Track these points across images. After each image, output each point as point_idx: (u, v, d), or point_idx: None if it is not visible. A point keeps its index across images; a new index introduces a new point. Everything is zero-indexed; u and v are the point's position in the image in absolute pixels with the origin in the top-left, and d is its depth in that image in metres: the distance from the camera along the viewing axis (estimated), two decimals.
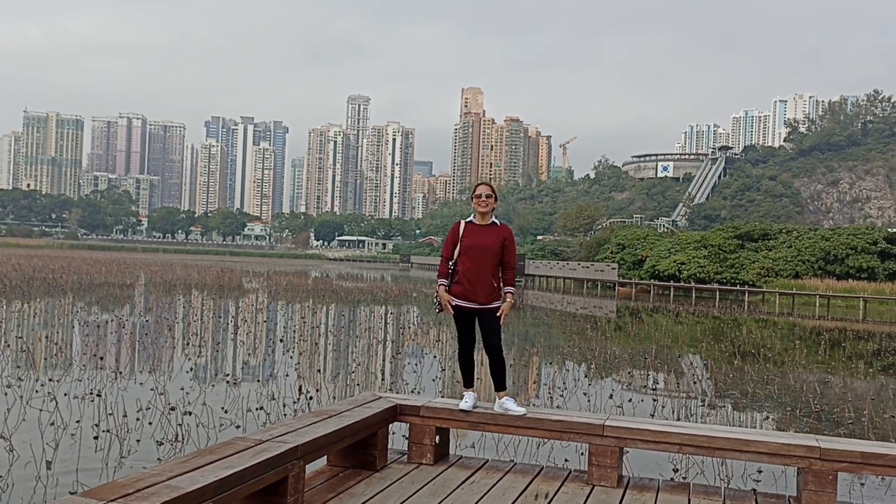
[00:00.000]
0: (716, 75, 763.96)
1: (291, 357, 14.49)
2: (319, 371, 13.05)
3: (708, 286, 54.37)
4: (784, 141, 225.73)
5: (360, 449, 5.29)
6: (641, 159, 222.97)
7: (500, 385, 5.78)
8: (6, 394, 9.69)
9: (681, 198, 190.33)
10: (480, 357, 6.29)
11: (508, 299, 5.75)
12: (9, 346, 14.11)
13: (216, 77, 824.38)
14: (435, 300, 5.94)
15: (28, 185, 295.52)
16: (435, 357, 15.48)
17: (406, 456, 5.63)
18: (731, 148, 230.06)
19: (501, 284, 5.78)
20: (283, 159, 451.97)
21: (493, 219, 5.79)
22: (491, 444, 8.07)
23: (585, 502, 4.77)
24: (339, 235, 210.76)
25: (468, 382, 5.85)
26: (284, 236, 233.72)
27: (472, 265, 5.62)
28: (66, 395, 9.80)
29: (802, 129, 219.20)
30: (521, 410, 5.53)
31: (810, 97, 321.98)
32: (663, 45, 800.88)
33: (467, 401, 5.63)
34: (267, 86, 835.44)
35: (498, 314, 5.69)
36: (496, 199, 5.76)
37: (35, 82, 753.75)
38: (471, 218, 5.85)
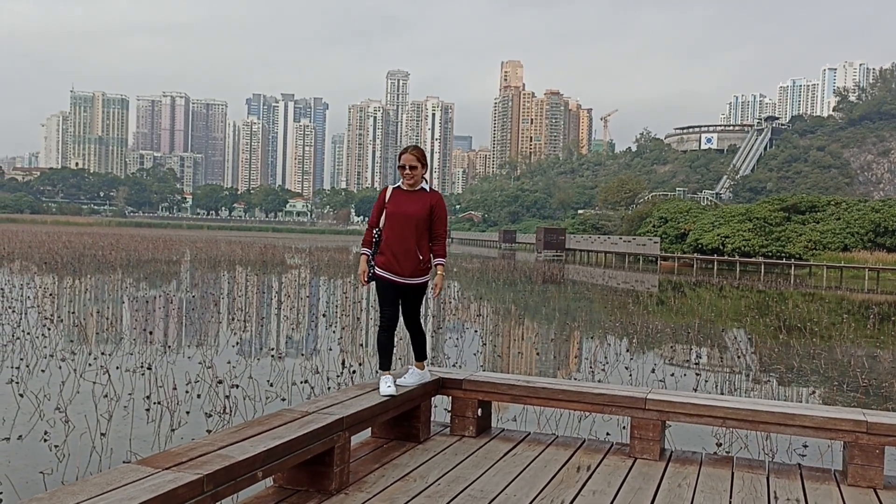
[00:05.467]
0: (761, 45, 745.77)
1: (334, 332, 14.68)
2: (362, 345, 13.21)
3: (753, 260, 53.49)
4: (833, 110, 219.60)
5: (403, 421, 5.36)
6: (684, 131, 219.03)
7: (420, 356, 5.50)
8: (61, 367, 10.01)
9: (725, 170, 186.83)
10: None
11: (439, 271, 5.32)
12: (62, 321, 14.54)
13: (256, 54, 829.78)
14: (357, 270, 5.73)
15: (76, 164, 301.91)
16: (476, 331, 15.55)
17: (448, 428, 5.69)
18: (777, 118, 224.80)
19: (431, 257, 5.35)
20: (323, 136, 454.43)
21: (424, 185, 5.33)
22: (532, 418, 8.11)
23: (627, 475, 4.79)
24: None
25: (386, 364, 5.35)
26: (325, 212, 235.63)
27: (395, 235, 5.20)
28: (117, 368, 10.09)
29: (852, 97, 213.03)
30: (411, 382, 5.28)
31: (861, 65, 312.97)
32: (705, 15, 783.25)
33: (389, 385, 5.05)
34: (306, 62, 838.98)
35: (433, 290, 5.32)
36: (425, 165, 5.29)
37: (81, 62, 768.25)
38: (399, 183, 5.40)
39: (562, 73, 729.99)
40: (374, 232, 5.35)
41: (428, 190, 5.36)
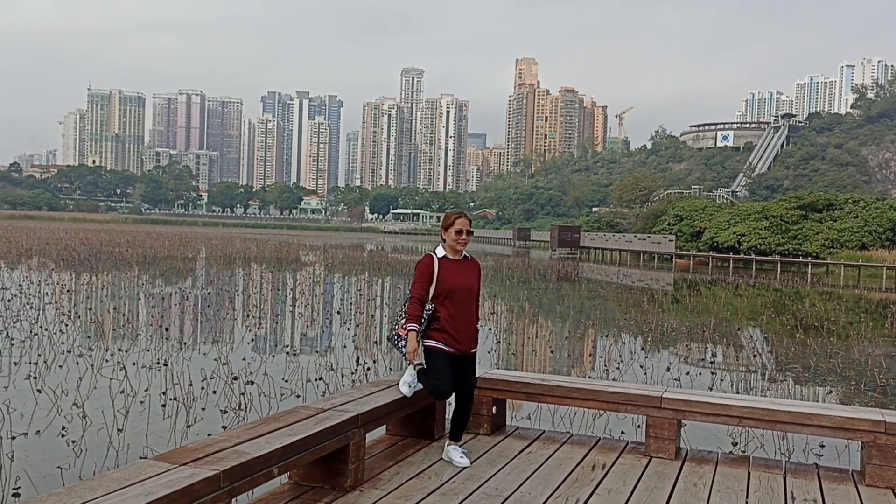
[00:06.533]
0: (777, 41, 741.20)
1: (348, 329, 14.72)
2: (376, 343, 13.23)
3: (769, 258, 53.15)
4: (851, 107, 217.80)
5: (418, 419, 5.37)
6: (700, 129, 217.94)
7: (457, 435, 5.04)
8: (78, 363, 10.09)
9: (741, 168, 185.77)
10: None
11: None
12: (79, 317, 14.66)
13: (270, 52, 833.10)
14: (399, 345, 4.98)
15: (94, 162, 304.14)
16: (490, 329, 15.54)
17: None
18: (794, 115, 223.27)
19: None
20: (337, 133, 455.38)
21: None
22: (547, 416, 8.10)
23: (643, 474, 4.77)
24: (393, 209, 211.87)
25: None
26: (340, 210, 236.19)
27: (460, 311, 4.95)
28: (134, 364, 10.16)
29: (870, 94, 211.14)
30: (464, 462, 4.82)
31: (879, 62, 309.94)
32: (721, 11, 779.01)
33: (411, 387, 5.02)
34: (321, 60, 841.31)
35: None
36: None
37: (97, 60, 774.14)
38: (442, 252, 5.04)
39: (576, 71, 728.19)
40: (427, 307, 4.92)
41: (469, 257, 5.19)
